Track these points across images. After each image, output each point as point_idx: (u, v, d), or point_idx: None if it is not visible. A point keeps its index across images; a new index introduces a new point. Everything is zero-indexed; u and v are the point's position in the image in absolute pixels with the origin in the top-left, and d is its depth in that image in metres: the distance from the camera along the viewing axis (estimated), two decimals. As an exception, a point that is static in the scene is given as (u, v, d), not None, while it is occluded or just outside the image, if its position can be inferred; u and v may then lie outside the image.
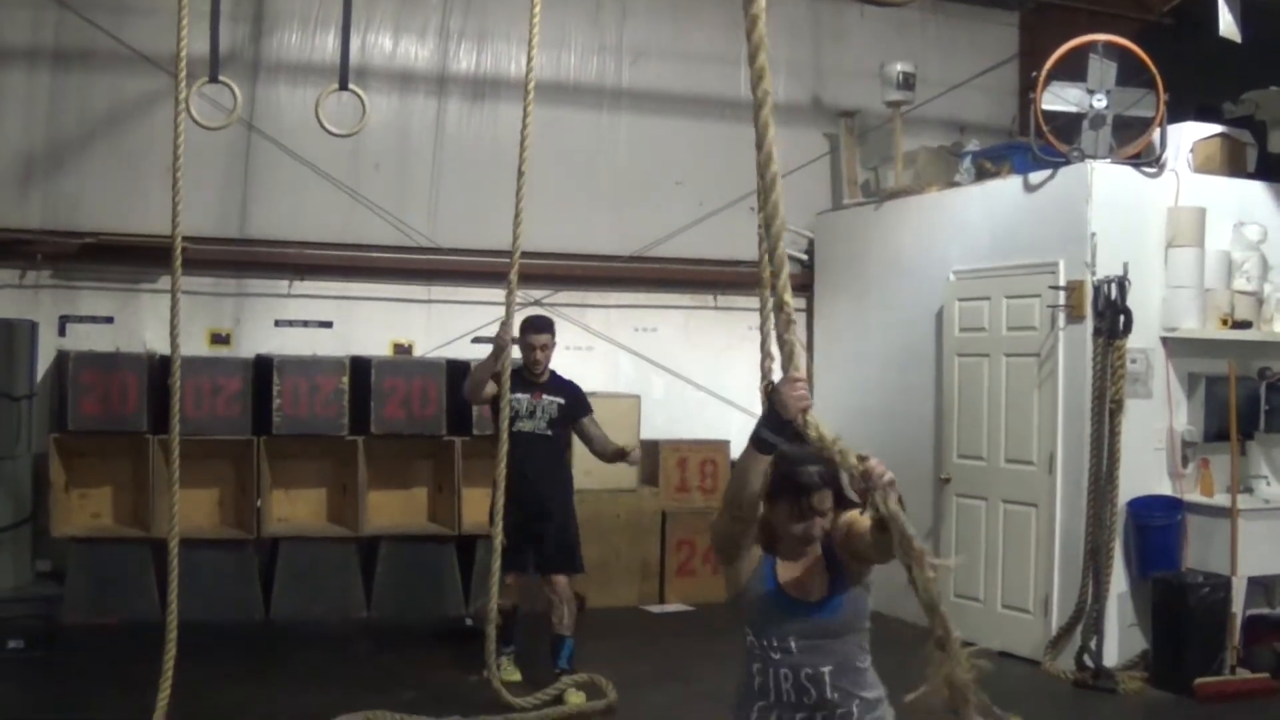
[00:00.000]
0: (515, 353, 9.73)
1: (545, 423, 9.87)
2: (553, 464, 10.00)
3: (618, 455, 10.10)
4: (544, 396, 9.92)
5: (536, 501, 9.70)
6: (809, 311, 14.60)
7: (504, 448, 9.25)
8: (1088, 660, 10.39)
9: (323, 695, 9.48)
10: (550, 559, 9.82)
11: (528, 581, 10.04)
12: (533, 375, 9.90)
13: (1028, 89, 11.34)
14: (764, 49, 4.46)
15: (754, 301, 13.51)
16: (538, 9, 8.91)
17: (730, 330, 14.26)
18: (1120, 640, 10.64)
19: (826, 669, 4.78)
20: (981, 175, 12.40)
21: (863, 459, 4.20)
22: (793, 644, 4.82)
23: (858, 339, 13.76)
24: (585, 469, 11.49)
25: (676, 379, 14.09)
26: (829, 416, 13.90)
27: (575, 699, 9.51)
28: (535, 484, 9.62)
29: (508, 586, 9.73)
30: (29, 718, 8.93)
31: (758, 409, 13.16)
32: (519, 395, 9.74)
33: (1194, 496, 10.81)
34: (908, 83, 13.59)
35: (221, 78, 10.53)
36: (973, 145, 13.20)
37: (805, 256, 14.65)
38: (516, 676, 9.94)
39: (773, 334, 6.76)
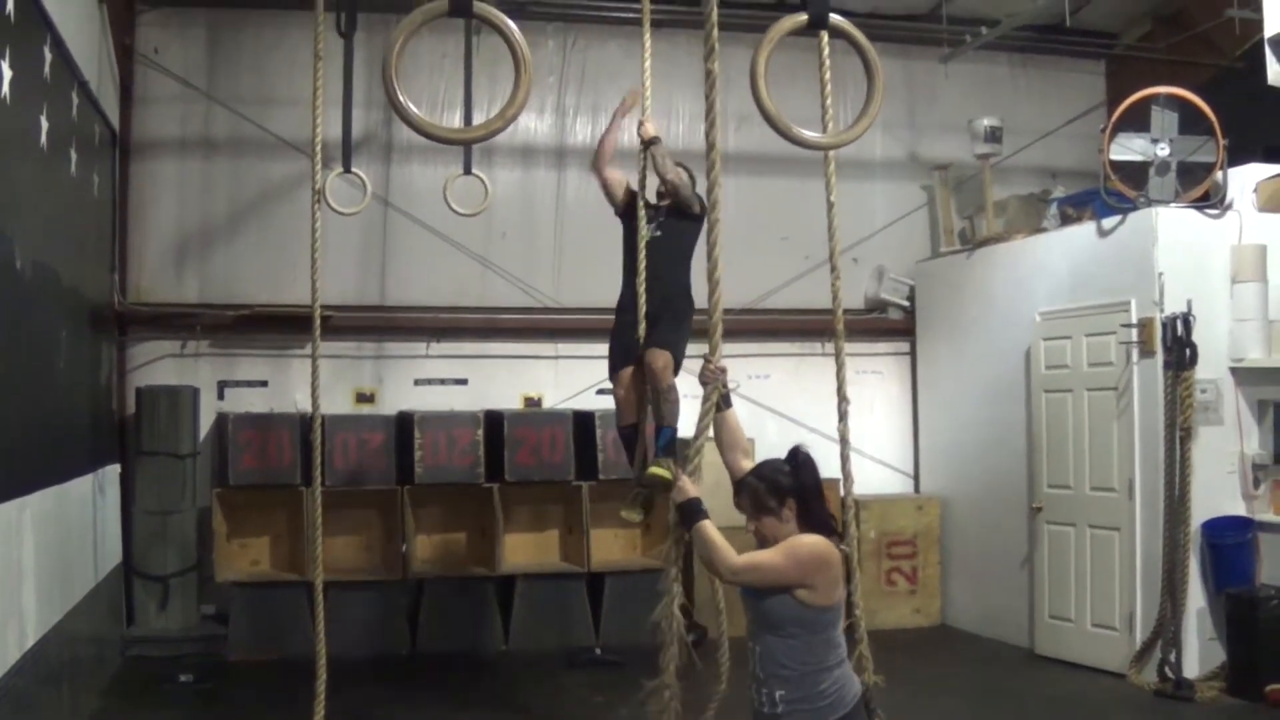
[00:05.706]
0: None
1: (655, 226, 9.69)
2: (673, 262, 9.66)
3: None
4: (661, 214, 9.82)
5: (659, 294, 9.49)
6: (912, 354, 15.37)
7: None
8: (1168, 672, 11.02)
9: (465, 714, 10.55)
10: (659, 338, 9.45)
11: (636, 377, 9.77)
12: (658, 200, 9.88)
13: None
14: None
15: (860, 347, 14.41)
16: (648, 86, 9.55)
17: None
18: (1201, 653, 11.22)
19: (757, 648, 5.65)
20: (1065, 221, 13.03)
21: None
22: (749, 617, 5.72)
23: (956, 379, 14.42)
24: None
25: (789, 422, 14.58)
26: (932, 452, 14.84)
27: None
28: (657, 280, 9.48)
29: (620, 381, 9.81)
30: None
31: (866, 448, 13.85)
32: (643, 212, 9.75)
33: (1266, 516, 11.32)
34: (995, 136, 14.22)
35: (354, 169, 11.68)
36: (1059, 192, 13.85)
37: (907, 303, 15.27)
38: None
39: (843, 377, 7.80)
